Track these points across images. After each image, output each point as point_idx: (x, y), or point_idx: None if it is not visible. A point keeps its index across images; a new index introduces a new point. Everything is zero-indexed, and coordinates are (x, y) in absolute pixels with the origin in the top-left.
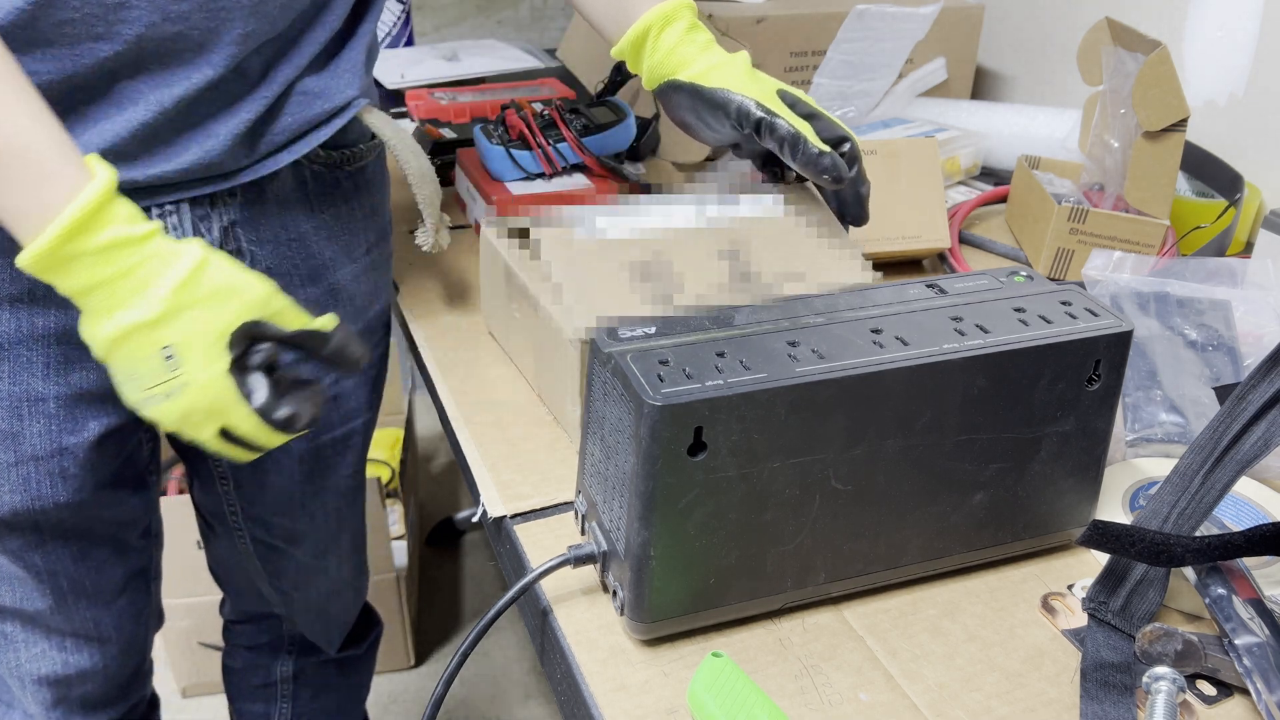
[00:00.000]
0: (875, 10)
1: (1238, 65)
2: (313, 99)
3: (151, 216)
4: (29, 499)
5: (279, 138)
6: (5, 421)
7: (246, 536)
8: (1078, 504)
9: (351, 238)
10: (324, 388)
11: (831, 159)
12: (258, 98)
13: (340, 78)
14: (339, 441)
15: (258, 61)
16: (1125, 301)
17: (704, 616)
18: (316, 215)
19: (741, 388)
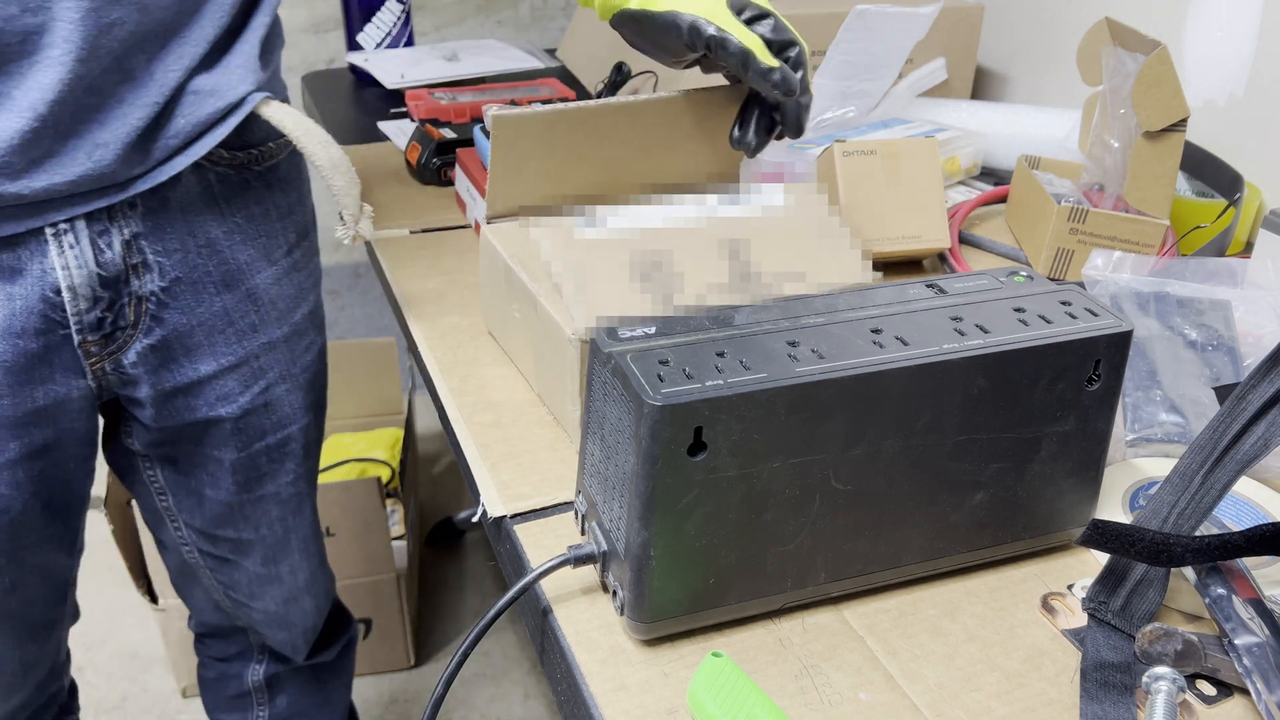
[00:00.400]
0: (875, 10)
1: (1238, 65)
2: (205, 98)
3: (45, 236)
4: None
5: (174, 141)
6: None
7: (194, 549)
8: (1078, 504)
9: (269, 240)
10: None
11: (781, 73)
12: (146, 99)
13: (232, 74)
14: (274, 449)
15: (142, 59)
16: (1125, 301)
17: (704, 616)
18: (227, 219)
19: (741, 388)
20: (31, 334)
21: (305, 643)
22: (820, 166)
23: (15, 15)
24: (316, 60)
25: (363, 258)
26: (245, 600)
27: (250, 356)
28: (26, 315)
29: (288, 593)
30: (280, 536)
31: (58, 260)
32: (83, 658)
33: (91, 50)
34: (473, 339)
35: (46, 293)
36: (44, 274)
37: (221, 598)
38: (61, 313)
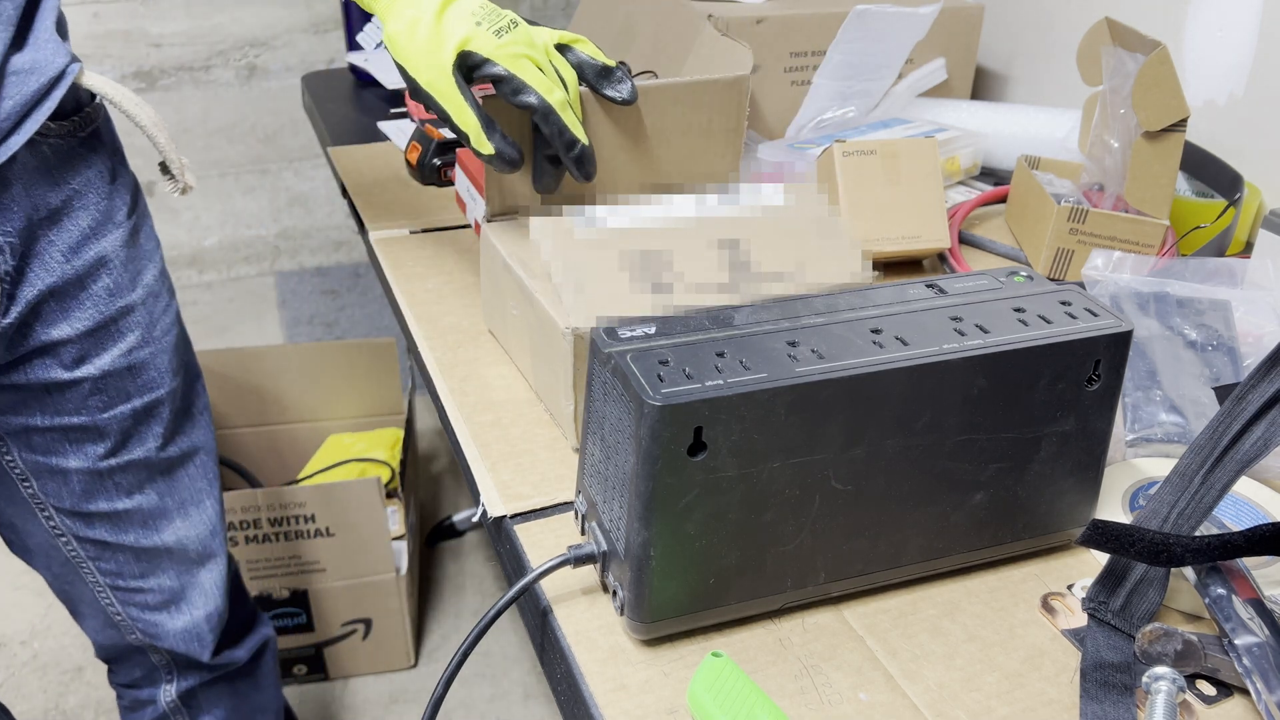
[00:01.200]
0: (875, 10)
1: (1238, 65)
2: (25, 76)
3: None
4: None
5: (5, 124)
6: None
7: (70, 537)
8: (1078, 504)
9: (108, 202)
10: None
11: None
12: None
13: (43, 49)
14: (140, 412)
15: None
16: (1125, 301)
17: (704, 616)
18: (65, 188)
19: (741, 388)
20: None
21: (210, 630)
22: (820, 166)
23: None
24: (316, 60)
25: (362, 258)
26: (137, 585)
27: (109, 320)
28: None
29: (178, 564)
30: (157, 503)
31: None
32: (82, 658)
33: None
34: (473, 339)
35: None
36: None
37: (110, 601)
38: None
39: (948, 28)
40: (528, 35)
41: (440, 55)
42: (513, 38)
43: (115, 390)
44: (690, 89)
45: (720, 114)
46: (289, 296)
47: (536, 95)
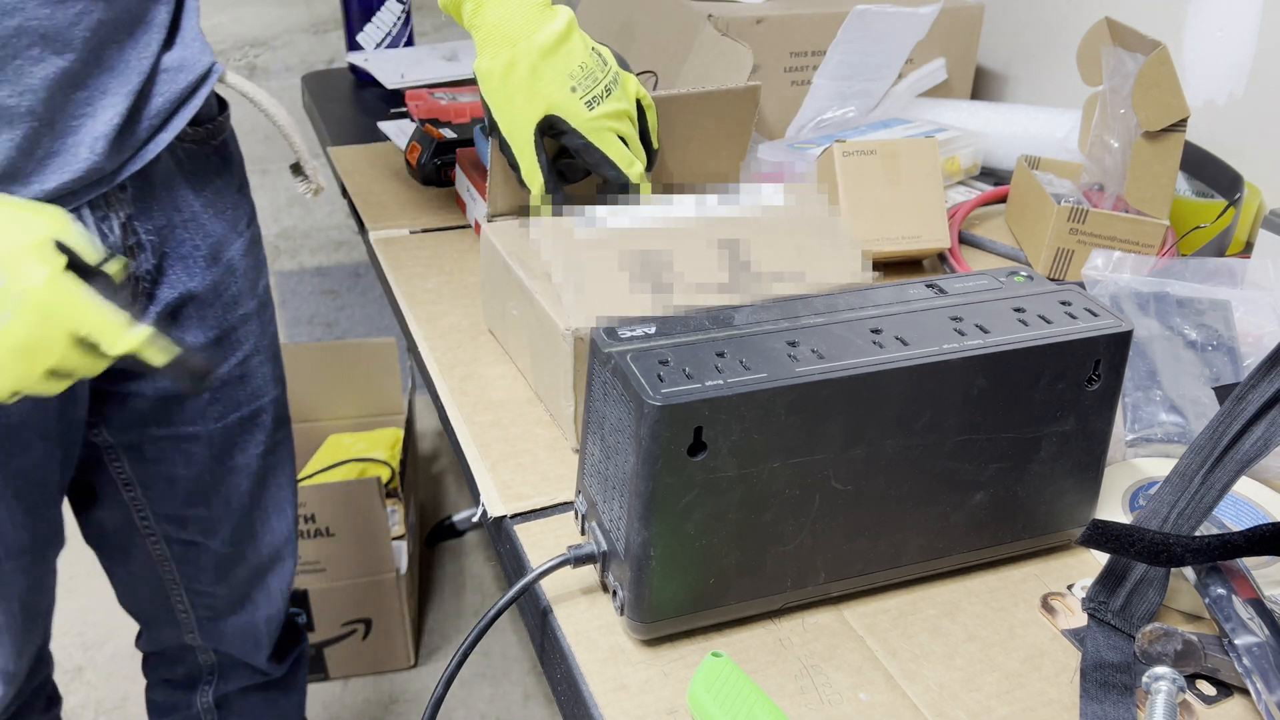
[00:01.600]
0: (875, 10)
1: (1238, 65)
2: (175, 74)
3: None
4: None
5: (154, 121)
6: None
7: (160, 539)
8: (1078, 504)
9: (234, 212)
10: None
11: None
12: (127, 87)
13: (190, 48)
14: (246, 420)
15: (114, 48)
16: (1125, 301)
17: (704, 616)
18: (201, 193)
19: (741, 388)
20: None
21: (268, 634)
22: (820, 166)
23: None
24: (316, 60)
25: (362, 258)
26: (210, 588)
27: (230, 328)
28: None
29: (251, 572)
30: (246, 509)
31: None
32: (82, 658)
33: (65, 42)
34: (473, 339)
35: None
36: None
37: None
38: None
39: (948, 28)
40: (620, 103)
41: (527, 113)
42: (604, 110)
43: (228, 399)
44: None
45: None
46: (289, 296)
47: (616, 170)
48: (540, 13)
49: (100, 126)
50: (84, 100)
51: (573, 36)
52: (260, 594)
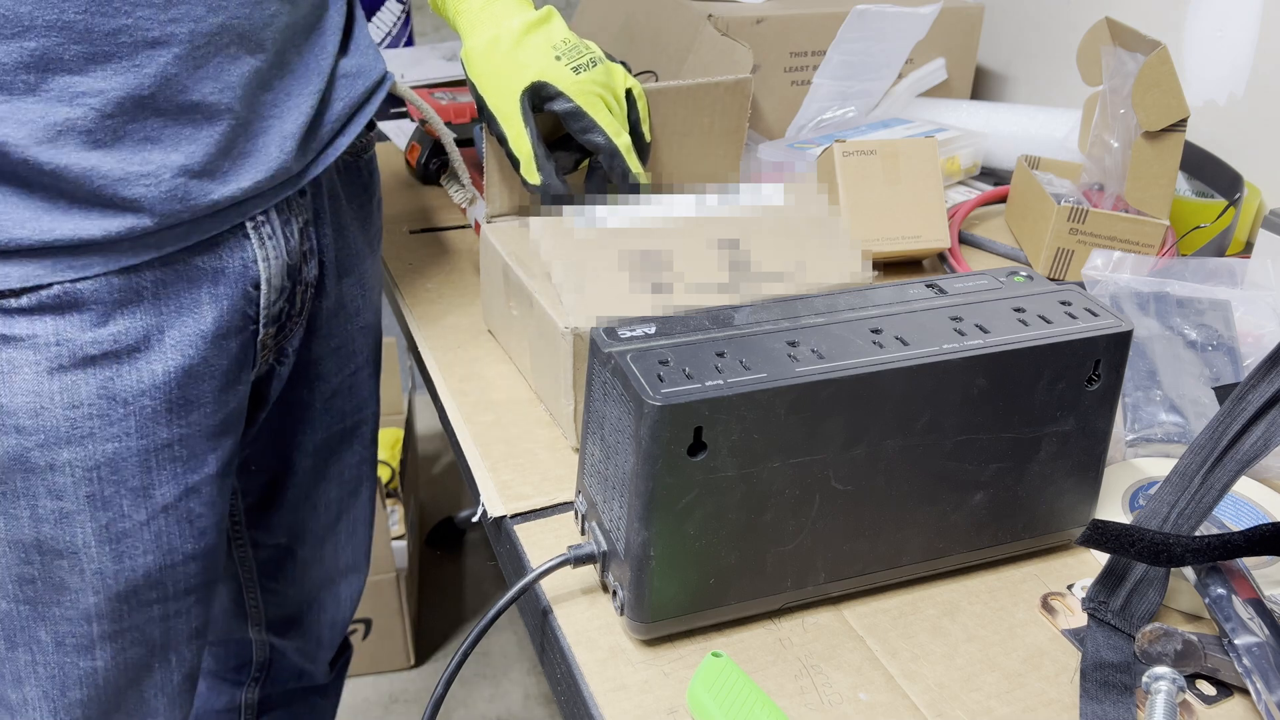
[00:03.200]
0: (875, 10)
1: (1238, 65)
2: (353, 80)
3: (247, 229)
4: (162, 555)
5: (335, 125)
6: (136, 478)
7: (246, 543)
8: (1078, 504)
9: (370, 227)
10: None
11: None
12: (310, 89)
13: (365, 55)
14: (348, 431)
15: (294, 53)
16: (1125, 301)
17: (704, 616)
18: (350, 206)
19: (741, 388)
20: (233, 334)
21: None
22: (820, 166)
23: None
24: None
25: None
26: (284, 588)
27: (349, 339)
28: (231, 315)
29: (327, 575)
30: (334, 519)
31: (259, 253)
32: None
33: (258, 43)
34: (473, 339)
35: (248, 288)
36: (245, 269)
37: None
38: (255, 307)
39: (948, 28)
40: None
41: (513, 81)
42: (590, 75)
43: (336, 410)
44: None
45: (723, 115)
46: None
47: (605, 136)
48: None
49: (288, 127)
50: (271, 102)
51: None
52: (329, 598)
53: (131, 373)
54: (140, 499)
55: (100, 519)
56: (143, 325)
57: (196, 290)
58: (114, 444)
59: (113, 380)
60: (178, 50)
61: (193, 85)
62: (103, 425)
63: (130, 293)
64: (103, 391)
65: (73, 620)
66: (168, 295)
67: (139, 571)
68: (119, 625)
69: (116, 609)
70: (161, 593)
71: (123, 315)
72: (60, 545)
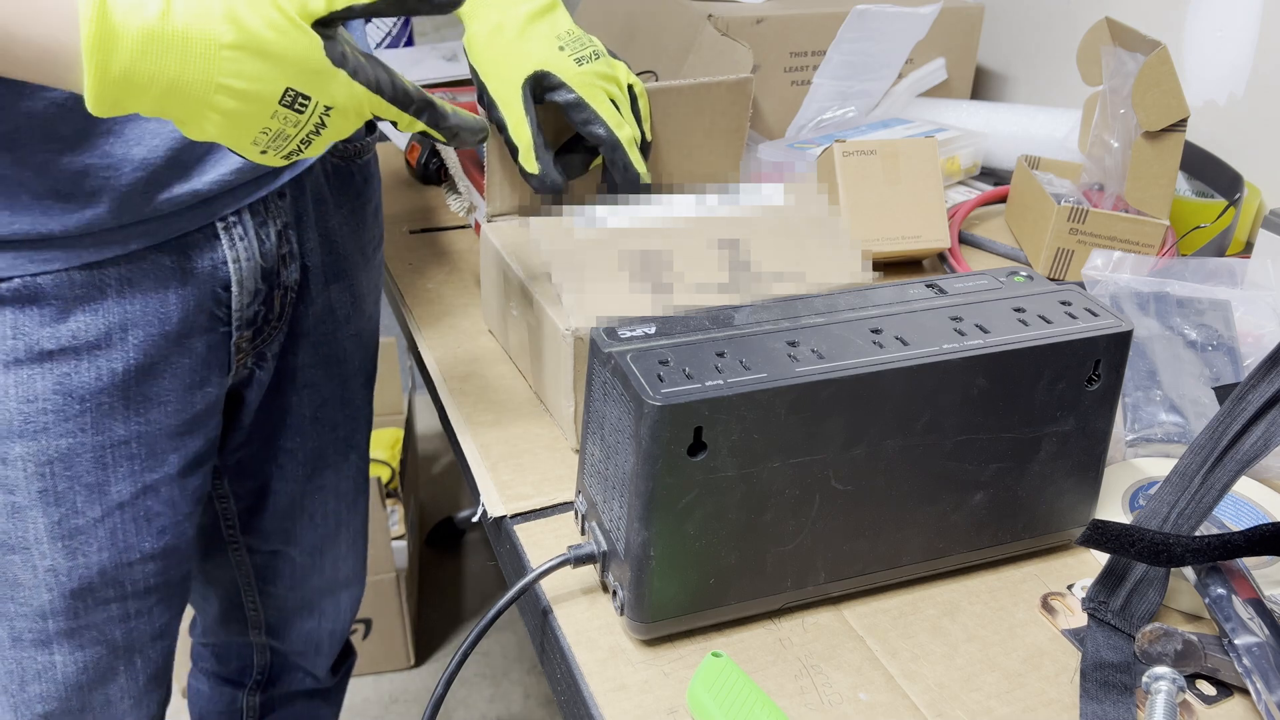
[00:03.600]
0: (875, 10)
1: (1238, 65)
2: None
3: (217, 230)
4: (117, 553)
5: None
6: (91, 474)
7: (242, 547)
8: (1078, 504)
9: (366, 235)
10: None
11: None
12: None
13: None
14: (340, 441)
15: None
16: (1125, 301)
17: (704, 616)
18: (339, 211)
19: (741, 388)
20: (199, 334)
21: (330, 645)
22: (820, 166)
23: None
24: None
25: None
26: (283, 594)
27: (339, 348)
28: (197, 316)
29: (326, 583)
30: (331, 530)
31: (229, 253)
32: None
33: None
34: (473, 339)
35: (216, 289)
36: (214, 270)
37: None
38: (225, 309)
39: (948, 28)
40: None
41: (515, 69)
42: (593, 67)
43: (328, 419)
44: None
45: (723, 115)
46: None
47: (606, 128)
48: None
49: None
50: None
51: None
52: (330, 606)
53: (90, 369)
54: (95, 495)
55: (53, 515)
56: (104, 322)
57: (163, 290)
58: (68, 439)
59: (70, 376)
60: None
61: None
62: (57, 420)
63: (93, 289)
64: (59, 387)
65: (28, 616)
66: (133, 293)
67: (93, 569)
68: (75, 623)
69: (71, 606)
70: (119, 591)
71: (83, 311)
72: (12, 540)
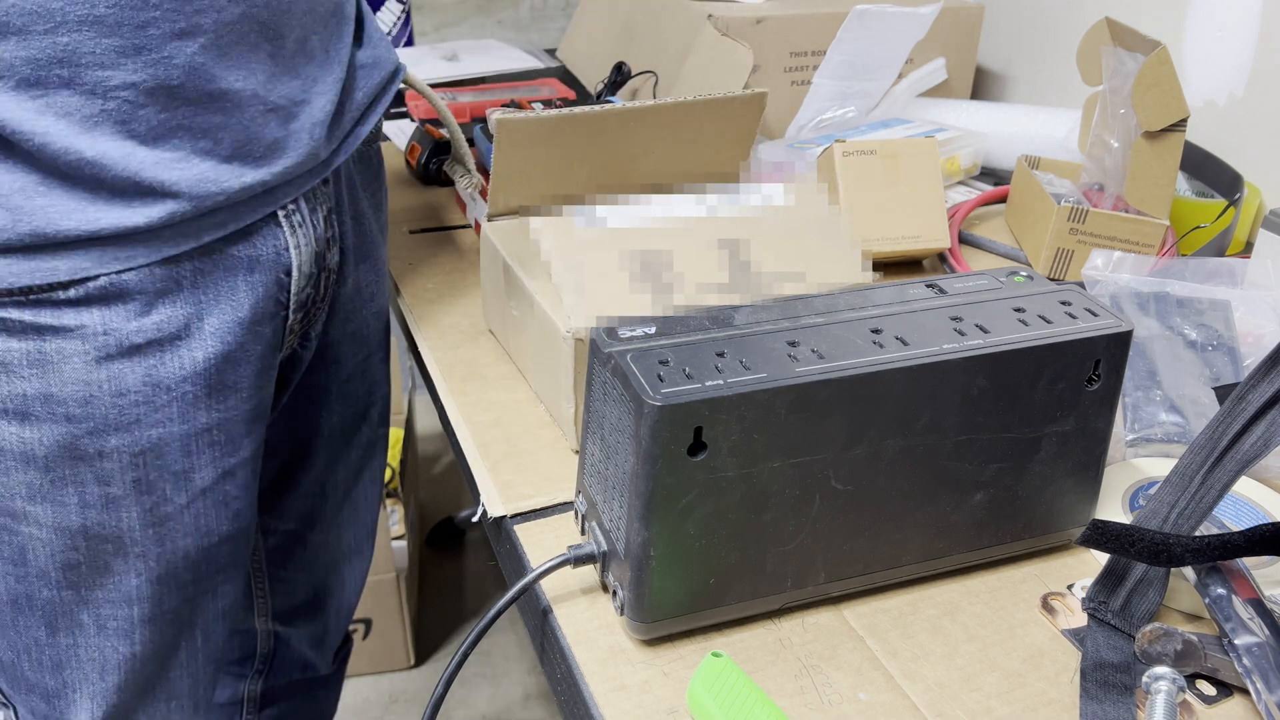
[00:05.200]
0: (875, 10)
1: (1238, 65)
2: (371, 70)
3: (278, 218)
4: (200, 537)
5: (356, 114)
6: (178, 463)
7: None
8: (1077, 504)
9: (382, 214)
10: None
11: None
12: (334, 76)
13: (379, 46)
14: (359, 416)
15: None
16: (1125, 301)
17: (704, 616)
18: (366, 192)
19: (741, 388)
20: (267, 320)
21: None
22: (820, 166)
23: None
24: None
25: None
26: (291, 574)
27: (364, 324)
28: (266, 302)
29: (332, 561)
30: (340, 501)
31: (290, 240)
32: None
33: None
34: (473, 339)
35: (280, 275)
36: (278, 257)
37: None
38: (286, 294)
39: (948, 28)
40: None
41: None
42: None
43: (350, 394)
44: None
45: (734, 126)
46: None
47: None
48: None
49: (316, 114)
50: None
51: None
52: (335, 583)
53: (174, 360)
54: (181, 483)
55: (145, 503)
56: (183, 313)
57: (234, 278)
58: (158, 430)
59: (156, 368)
60: (203, 40)
61: (219, 74)
62: (148, 412)
63: (171, 282)
64: (147, 379)
65: (115, 603)
66: (206, 284)
67: (179, 554)
68: (159, 608)
69: (156, 591)
70: (196, 574)
71: (164, 304)
72: (106, 530)
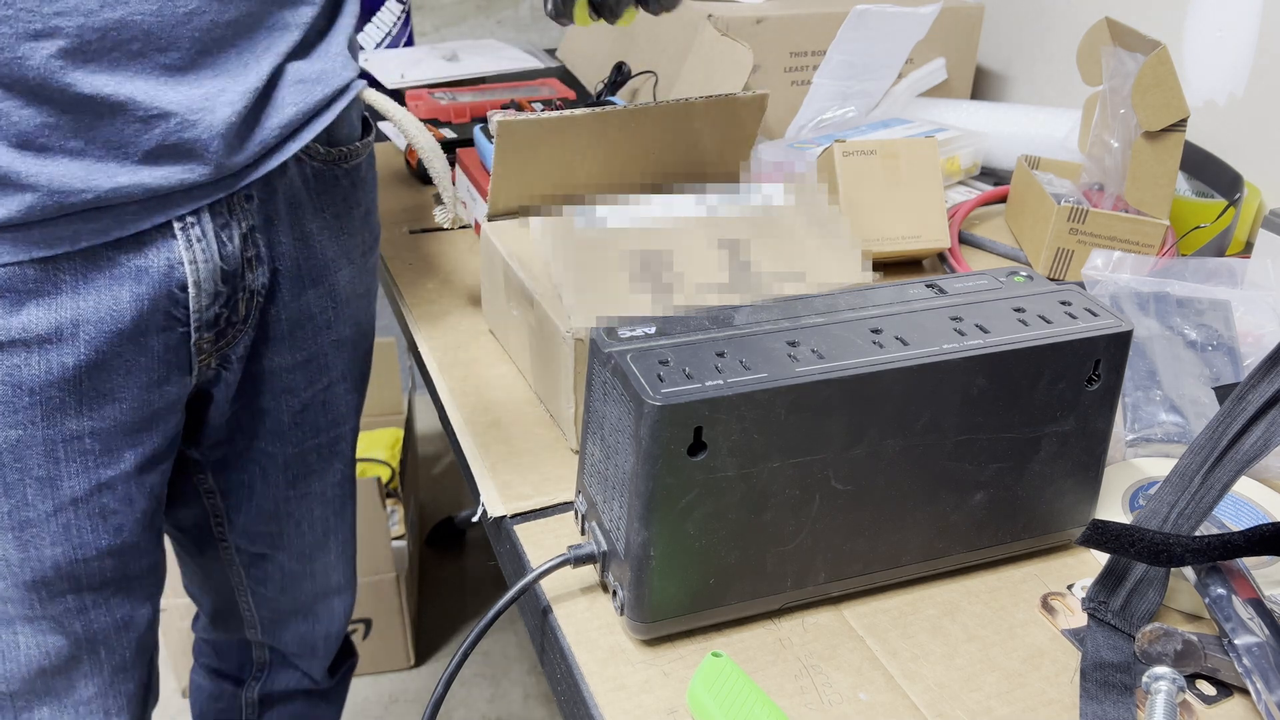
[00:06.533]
0: (875, 10)
1: (1238, 65)
2: (310, 85)
3: (173, 230)
4: (72, 548)
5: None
6: (42, 468)
7: (231, 547)
8: (1077, 504)
9: (350, 238)
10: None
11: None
12: (240, 88)
13: (333, 61)
14: (324, 448)
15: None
16: (1125, 301)
17: (704, 616)
18: (319, 215)
19: (741, 388)
20: (155, 333)
21: (325, 648)
22: (820, 166)
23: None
24: None
25: None
26: (275, 595)
27: (319, 353)
28: (153, 314)
29: (318, 589)
30: (320, 536)
31: (185, 254)
32: None
33: (171, 41)
34: (473, 339)
35: (173, 289)
36: (170, 270)
37: (247, 599)
38: (184, 310)
39: (948, 28)
40: None
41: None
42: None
43: (309, 424)
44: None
45: (735, 126)
46: None
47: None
48: None
49: (218, 124)
50: (200, 98)
51: None
52: (324, 611)
53: (40, 362)
54: (46, 489)
55: (3, 506)
56: (56, 317)
57: (117, 287)
58: (18, 431)
59: (19, 368)
60: (63, 43)
61: (83, 78)
62: (7, 412)
63: (47, 284)
64: (8, 378)
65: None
66: (88, 290)
67: (46, 563)
68: (33, 612)
69: (26, 597)
70: (74, 584)
71: (35, 305)
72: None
